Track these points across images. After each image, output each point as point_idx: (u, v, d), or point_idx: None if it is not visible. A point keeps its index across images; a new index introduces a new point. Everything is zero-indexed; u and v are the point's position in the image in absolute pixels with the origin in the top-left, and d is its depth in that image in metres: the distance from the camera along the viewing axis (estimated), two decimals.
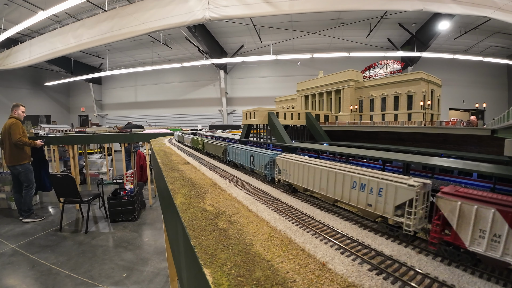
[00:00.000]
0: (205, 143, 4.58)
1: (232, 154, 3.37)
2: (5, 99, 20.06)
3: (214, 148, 4.12)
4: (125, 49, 18.69)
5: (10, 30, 11.26)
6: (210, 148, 4.31)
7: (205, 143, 4.58)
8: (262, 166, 2.57)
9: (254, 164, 2.75)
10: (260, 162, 2.60)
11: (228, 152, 3.52)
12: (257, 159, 2.67)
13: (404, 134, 6.41)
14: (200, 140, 4.97)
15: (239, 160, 3.15)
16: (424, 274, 1.02)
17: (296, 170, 2.07)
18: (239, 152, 3.15)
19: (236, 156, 3.23)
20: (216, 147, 4.03)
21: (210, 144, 4.34)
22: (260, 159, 2.60)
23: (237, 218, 1.58)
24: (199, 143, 5.00)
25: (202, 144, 4.81)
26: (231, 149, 3.42)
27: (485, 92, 17.58)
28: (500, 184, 2.48)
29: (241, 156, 3.09)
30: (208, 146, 4.44)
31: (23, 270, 4.78)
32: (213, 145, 4.20)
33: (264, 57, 14.74)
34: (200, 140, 4.97)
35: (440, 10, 7.18)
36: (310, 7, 7.27)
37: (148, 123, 18.95)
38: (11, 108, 7.10)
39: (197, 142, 5.26)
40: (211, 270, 1.02)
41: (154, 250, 5.62)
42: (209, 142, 4.48)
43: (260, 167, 2.61)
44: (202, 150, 4.82)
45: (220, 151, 3.81)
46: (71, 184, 6.28)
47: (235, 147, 3.37)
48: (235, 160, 3.27)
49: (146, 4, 8.67)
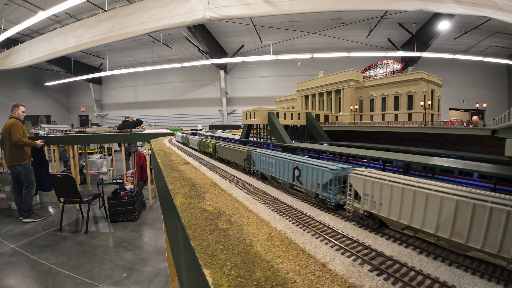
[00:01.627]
0: (218, 146, 3.85)
1: (260, 163, 2.62)
2: (5, 99, 20.06)
3: (231, 154, 3.37)
4: (125, 49, 18.69)
5: (10, 30, 11.26)
6: (225, 153, 3.58)
7: (218, 147, 3.85)
8: (317, 185, 1.83)
9: (302, 181, 2.00)
10: (315, 179, 1.85)
11: (253, 160, 2.79)
12: (308, 175, 1.92)
13: (404, 134, 6.40)
14: (211, 143, 4.21)
15: (272, 172, 2.41)
16: (425, 275, 1.01)
17: (397, 197, 1.35)
18: (272, 162, 2.41)
19: (267, 166, 2.49)
20: (234, 152, 3.25)
21: (225, 149, 3.60)
22: (315, 175, 1.85)
23: (237, 219, 1.58)
24: (209, 147, 4.25)
25: (213, 147, 4.08)
26: (258, 156, 2.66)
27: (485, 92, 17.56)
28: (500, 184, 2.47)
29: (276, 168, 2.34)
30: (222, 150, 3.72)
31: (23, 270, 4.78)
32: (229, 149, 3.43)
33: (264, 57, 14.73)
34: (211, 143, 4.21)
35: (440, 10, 7.18)
36: (310, 7, 7.26)
37: (148, 123, 18.94)
38: (11, 108, 7.10)
39: (206, 145, 4.46)
40: (211, 270, 1.02)
41: (154, 250, 5.62)
42: (223, 145, 3.72)
43: (313, 186, 1.86)
44: (214, 155, 4.09)
45: (240, 158, 3.06)
46: (71, 184, 6.28)
47: (265, 154, 2.55)
48: (265, 172, 2.54)
49: (146, 4, 8.66)
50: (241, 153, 3.04)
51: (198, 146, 4.92)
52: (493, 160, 3.16)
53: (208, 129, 15.66)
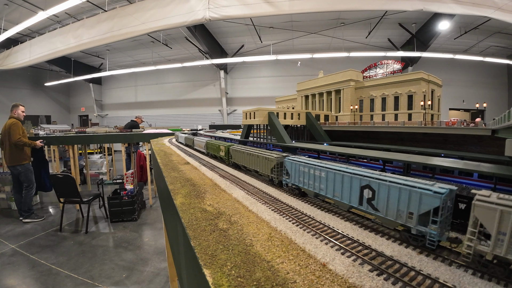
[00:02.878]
0: (233, 150, 3.29)
1: (299, 175, 2.01)
2: (5, 99, 20.05)
3: (252, 161, 2.78)
4: (125, 49, 18.69)
5: (10, 30, 11.26)
6: (243, 159, 2.97)
7: (233, 151, 3.29)
8: (408, 214, 1.25)
9: (377, 206, 1.40)
10: (404, 205, 1.26)
11: (287, 170, 2.18)
12: (391, 198, 1.32)
13: (404, 134, 6.39)
14: (223, 146, 3.57)
15: (319, 188, 1.81)
16: (425, 275, 1.01)
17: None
18: (321, 175, 1.78)
19: (311, 180, 1.87)
20: (257, 159, 2.65)
21: (242, 153, 2.99)
22: (404, 199, 1.26)
23: (237, 219, 1.58)
24: (221, 150, 3.62)
25: (226, 151, 3.48)
26: (295, 166, 2.06)
27: (485, 92, 17.56)
28: (501, 184, 2.47)
29: (328, 183, 1.73)
30: (238, 155, 3.13)
31: (23, 270, 4.78)
32: (249, 155, 2.82)
33: (264, 57, 14.73)
34: (223, 146, 3.57)
35: (440, 10, 7.18)
36: (310, 7, 7.26)
37: (148, 123, 18.94)
38: (11, 108, 7.10)
39: (216, 148, 3.82)
40: (211, 270, 1.02)
41: (154, 250, 5.62)
42: (239, 149, 3.11)
43: (401, 215, 1.28)
44: (227, 160, 3.51)
45: (266, 167, 2.47)
46: (71, 184, 6.28)
47: (308, 164, 1.91)
48: (306, 187, 1.92)
49: (146, 4, 8.66)
50: (267, 160, 2.45)
51: (206, 148, 4.37)
52: (493, 160, 3.15)
53: (208, 129, 15.66)
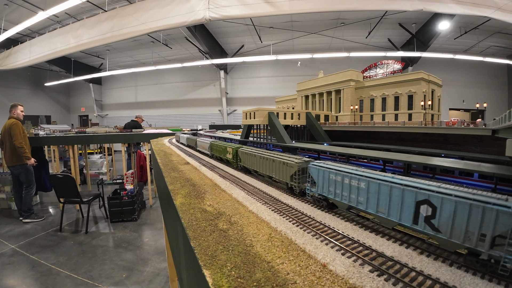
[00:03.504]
0: (242, 153, 2.98)
1: (329, 184, 1.68)
2: (5, 99, 20.04)
3: (266, 165, 2.43)
4: (125, 49, 18.69)
5: (10, 30, 11.25)
6: (255, 164, 2.65)
7: (242, 154, 2.98)
8: (479, 236, 1.00)
9: (438, 226, 1.13)
10: (475, 225, 1.02)
11: (312, 177, 1.85)
12: (458, 217, 1.06)
13: (404, 134, 6.39)
14: (231, 148, 3.25)
15: (357, 202, 1.50)
16: (426, 275, 1.01)
17: None
18: (360, 186, 1.47)
19: (345, 191, 1.57)
20: (272, 164, 2.32)
21: (254, 157, 2.66)
22: (475, 217, 1.02)
23: (237, 219, 1.58)
24: (228, 152, 3.30)
25: (234, 154, 3.14)
26: (324, 174, 1.73)
27: (485, 92, 17.55)
28: (501, 184, 2.47)
29: (370, 196, 1.42)
30: (248, 159, 2.80)
31: (23, 270, 4.78)
32: (263, 159, 2.49)
33: (264, 57, 14.72)
34: (231, 148, 3.25)
35: (440, 10, 7.17)
36: (310, 7, 7.25)
37: (148, 123, 18.94)
38: (10, 108, 7.10)
39: (222, 150, 3.52)
40: (211, 271, 1.01)
41: (154, 250, 5.61)
42: (250, 152, 2.78)
43: (470, 238, 1.03)
44: (235, 163, 3.20)
45: (285, 173, 2.13)
46: (71, 184, 6.28)
47: (341, 172, 1.59)
48: (338, 199, 1.62)
49: (146, 4, 8.66)
50: (286, 166, 2.11)
51: (210, 150, 4.11)
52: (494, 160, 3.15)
53: (208, 129, 15.65)
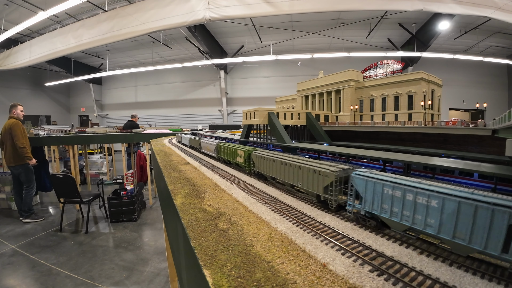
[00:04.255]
0: (256, 156, 2.60)
1: (381, 199, 1.37)
2: (5, 99, 20.04)
3: (289, 172, 2.10)
4: (125, 49, 18.69)
5: (10, 31, 11.26)
6: (273, 170, 2.29)
7: (257, 157, 2.60)
8: None
9: None
10: None
11: (358, 191, 1.52)
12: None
13: (404, 134, 6.39)
14: (242, 151, 2.88)
15: (426, 224, 1.19)
16: (425, 275, 1.01)
17: None
18: (433, 205, 1.16)
19: (408, 209, 1.26)
20: (298, 171, 1.98)
21: (273, 163, 2.29)
22: None
23: (237, 219, 1.58)
24: (238, 156, 2.94)
25: (246, 158, 2.80)
26: (373, 186, 1.41)
27: (485, 92, 17.55)
28: (501, 184, 2.47)
29: (444, 217, 1.13)
30: (264, 164, 2.45)
31: (23, 270, 4.78)
32: (284, 164, 2.14)
33: (264, 57, 14.72)
34: (242, 151, 2.88)
35: (440, 10, 7.17)
36: (310, 7, 7.25)
37: (148, 123, 18.95)
38: (9, 108, 7.10)
39: (231, 153, 3.15)
40: (211, 271, 1.01)
41: (154, 250, 5.61)
42: (265, 155, 2.44)
43: None
44: (247, 168, 2.84)
45: (316, 184, 1.78)
46: (71, 184, 6.28)
47: (400, 184, 1.29)
48: (400, 220, 1.30)
49: (146, 5, 8.66)
50: (319, 175, 1.74)
51: (217, 152, 3.86)
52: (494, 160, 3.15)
53: (208, 129, 15.65)
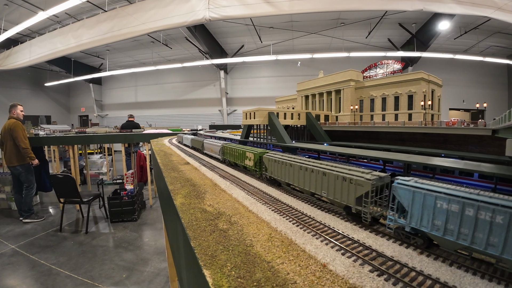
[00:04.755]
0: (269, 160, 2.32)
1: (432, 214, 1.15)
2: (5, 99, 20.04)
3: (310, 179, 1.81)
4: (125, 49, 18.69)
5: (10, 31, 11.26)
6: (290, 175, 2.02)
7: (269, 161, 2.31)
8: None
9: None
10: None
11: (402, 203, 1.29)
12: None
13: (404, 134, 6.40)
14: (251, 153, 2.57)
15: (488, 244, 0.97)
16: (426, 275, 1.01)
17: None
18: (498, 222, 0.94)
19: (467, 226, 1.03)
20: (322, 178, 1.71)
21: (290, 167, 2.01)
22: None
23: (237, 219, 1.58)
24: (247, 158, 2.61)
25: (256, 160, 2.48)
26: (423, 199, 1.19)
27: (485, 92, 17.56)
28: (501, 184, 2.47)
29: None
30: (279, 169, 2.15)
31: (23, 270, 4.78)
32: (304, 169, 1.86)
33: (264, 57, 14.72)
34: (251, 153, 2.57)
35: (440, 10, 7.17)
36: (310, 7, 7.25)
37: (148, 123, 18.95)
38: (9, 108, 7.10)
39: (238, 155, 2.81)
40: (211, 271, 1.01)
41: (154, 250, 5.61)
42: (279, 159, 2.16)
43: None
44: (258, 172, 2.54)
45: (346, 194, 1.54)
46: (71, 185, 6.28)
47: (457, 196, 1.06)
48: (455, 239, 1.07)
49: (146, 5, 8.66)
50: (350, 183, 1.46)
51: (222, 154, 3.65)
52: (494, 160, 3.15)
53: (208, 129, 15.66)
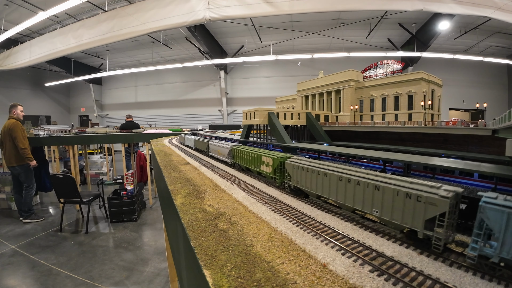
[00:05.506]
0: (294, 166, 1.99)
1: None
2: (5, 99, 20.04)
3: (357, 194, 1.50)
4: (125, 49, 18.69)
5: (10, 31, 11.26)
6: (324, 187, 1.74)
7: (293, 167, 1.99)
8: None
9: None
10: None
11: (493, 227, 0.95)
12: None
13: (404, 134, 6.40)
14: (268, 158, 2.22)
15: None
16: (426, 275, 1.01)
17: None
18: None
19: None
20: (374, 194, 1.38)
21: (323, 177, 1.73)
22: None
23: (237, 219, 1.58)
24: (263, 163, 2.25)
25: (275, 166, 2.14)
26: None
27: (485, 92, 17.56)
28: (501, 184, 2.47)
29: None
30: (308, 178, 1.86)
31: (23, 270, 4.78)
32: (345, 181, 1.56)
33: (264, 57, 14.73)
34: (268, 158, 2.22)
35: (440, 10, 7.18)
36: (310, 7, 7.26)
37: (148, 124, 18.95)
38: (9, 108, 7.10)
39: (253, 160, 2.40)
40: (211, 271, 1.01)
41: (154, 250, 5.61)
42: (308, 166, 1.85)
43: None
44: (279, 181, 2.18)
45: (410, 215, 1.21)
46: (71, 185, 6.28)
47: None
48: None
49: (146, 5, 8.67)
50: (417, 201, 1.19)
51: (231, 158, 3.04)
52: (494, 160, 3.15)
53: (208, 129, 15.66)
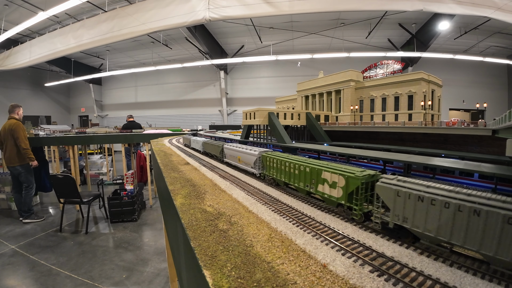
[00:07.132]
0: (395, 191, 1.29)
1: None
2: (5, 99, 20.03)
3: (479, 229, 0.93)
4: (125, 49, 18.70)
5: (10, 31, 11.26)
6: (452, 226, 1.05)
7: (397, 194, 1.27)
8: None
9: None
10: None
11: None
12: None
13: (404, 134, 6.40)
14: (334, 175, 1.68)
15: None
16: (426, 275, 1.01)
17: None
18: None
19: None
20: None
21: (451, 211, 1.06)
22: None
23: (237, 219, 1.57)
24: (323, 181, 1.78)
25: (347, 188, 1.59)
26: None
27: (485, 92, 17.55)
28: (501, 184, 2.47)
29: None
30: (420, 210, 1.18)
31: (23, 270, 4.78)
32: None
33: (264, 57, 14.73)
34: (334, 175, 1.68)
35: (440, 10, 7.17)
36: (310, 7, 7.26)
37: (148, 124, 18.95)
38: (9, 108, 7.10)
39: (304, 175, 1.97)
40: (211, 271, 1.01)
41: (154, 250, 5.61)
42: (420, 192, 1.18)
43: None
44: (357, 213, 1.53)
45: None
46: (71, 185, 6.28)
47: None
48: None
49: (146, 5, 8.67)
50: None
51: (261, 168, 2.64)
52: (494, 160, 3.15)
53: (208, 130, 15.67)
